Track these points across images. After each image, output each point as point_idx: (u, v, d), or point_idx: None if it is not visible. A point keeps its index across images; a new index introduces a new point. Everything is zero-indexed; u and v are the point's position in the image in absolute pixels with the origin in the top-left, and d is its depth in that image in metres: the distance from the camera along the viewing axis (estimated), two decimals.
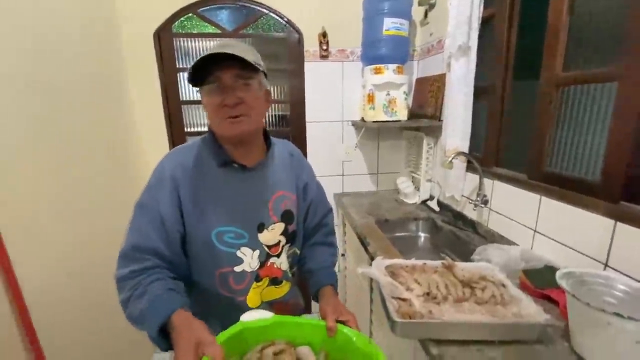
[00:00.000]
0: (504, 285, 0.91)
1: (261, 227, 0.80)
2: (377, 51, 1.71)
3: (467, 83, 1.40)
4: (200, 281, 0.78)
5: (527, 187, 1.16)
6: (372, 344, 0.65)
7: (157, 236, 0.69)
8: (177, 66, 1.81)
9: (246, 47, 0.72)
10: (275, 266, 0.84)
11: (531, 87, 1.13)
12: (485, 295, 0.87)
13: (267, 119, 1.98)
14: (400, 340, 0.95)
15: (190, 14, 1.78)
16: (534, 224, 1.12)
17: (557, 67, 1.04)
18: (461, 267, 0.99)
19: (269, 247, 0.82)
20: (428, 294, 0.87)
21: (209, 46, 1.83)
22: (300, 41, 1.86)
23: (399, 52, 1.72)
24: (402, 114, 1.76)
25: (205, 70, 0.69)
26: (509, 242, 1.22)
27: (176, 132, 1.90)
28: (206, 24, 1.82)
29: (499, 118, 1.35)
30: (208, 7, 1.79)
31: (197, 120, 1.93)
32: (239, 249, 0.77)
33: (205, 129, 1.87)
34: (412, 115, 1.86)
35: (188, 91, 1.87)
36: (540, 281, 0.96)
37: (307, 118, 1.96)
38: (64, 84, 1.23)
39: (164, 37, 1.77)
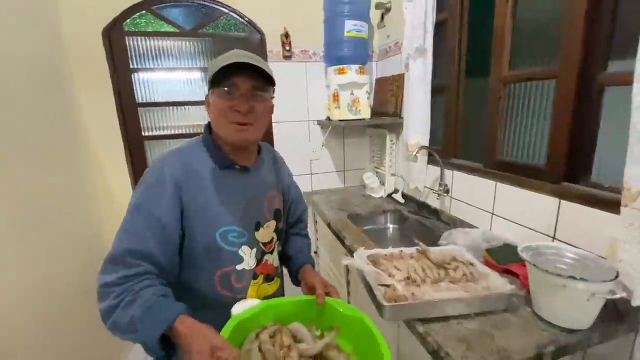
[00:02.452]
0: (472, 264, 1.00)
1: (258, 226, 0.83)
2: (339, 52, 1.76)
3: (425, 82, 1.51)
4: (197, 285, 0.76)
5: (483, 175, 1.28)
6: (355, 309, 0.70)
7: (155, 240, 0.66)
8: (132, 66, 1.71)
9: (262, 60, 0.74)
10: (269, 263, 0.87)
11: (483, 84, 1.25)
12: (458, 274, 0.95)
13: None
14: (386, 324, 1.00)
15: (143, 12, 1.69)
16: (492, 208, 1.25)
17: (504, 66, 1.17)
18: (434, 251, 1.07)
19: (265, 244, 0.85)
20: (408, 278, 0.93)
21: (166, 46, 1.75)
22: (262, 42, 1.85)
23: (360, 54, 1.80)
24: (365, 113, 1.83)
25: (222, 74, 0.70)
26: (471, 226, 1.34)
27: (133, 137, 1.78)
28: (162, 22, 1.74)
29: (455, 113, 1.48)
30: (163, 5, 1.70)
31: (157, 123, 1.83)
32: (241, 247, 0.79)
33: (168, 132, 1.83)
34: (375, 113, 1.95)
35: (145, 93, 1.77)
36: (501, 258, 1.07)
37: (274, 119, 1.94)
38: None
39: (114, 36, 1.65)
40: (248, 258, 0.80)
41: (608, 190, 0.89)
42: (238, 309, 0.68)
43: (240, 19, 1.82)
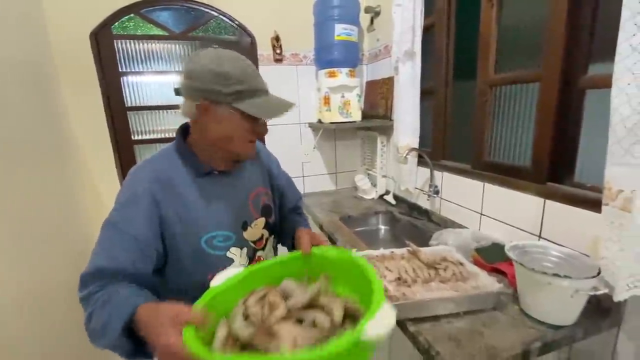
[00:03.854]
0: (461, 264, 1.02)
1: (245, 225, 0.83)
2: (330, 55, 1.78)
3: (414, 85, 1.53)
4: (190, 290, 0.72)
5: (471, 176, 1.31)
6: (344, 251, 0.68)
7: (126, 257, 0.65)
8: (121, 70, 1.69)
9: (288, 103, 0.76)
10: (262, 259, 0.88)
11: (470, 87, 1.28)
12: (448, 274, 0.97)
13: None
14: None
15: (131, 15, 1.67)
16: (480, 208, 1.27)
17: (489, 69, 1.20)
18: (424, 251, 1.09)
19: (254, 242, 0.86)
20: (399, 278, 0.94)
21: (155, 49, 1.74)
22: (253, 45, 1.85)
23: (350, 57, 1.81)
24: (356, 115, 1.85)
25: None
26: (460, 226, 1.36)
27: (122, 141, 1.76)
28: (150, 25, 1.73)
29: (444, 116, 1.50)
30: (152, 8, 1.70)
31: (146, 126, 1.82)
32: (228, 250, 0.79)
33: (158, 135, 1.81)
34: (365, 115, 1.97)
35: (134, 96, 1.75)
36: (490, 257, 1.09)
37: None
38: None
39: (102, 39, 1.64)
40: (238, 258, 0.81)
41: (590, 189, 0.92)
42: (217, 280, 0.62)
43: (230, 22, 1.82)
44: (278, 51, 1.86)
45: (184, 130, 0.80)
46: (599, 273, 0.74)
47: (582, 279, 0.72)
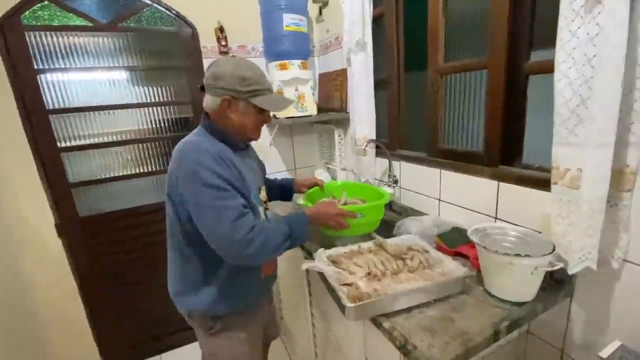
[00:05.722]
0: (427, 251, 1.03)
1: (260, 189, 1.06)
2: (279, 47, 1.70)
3: (367, 76, 1.52)
4: None
5: (428, 163, 1.33)
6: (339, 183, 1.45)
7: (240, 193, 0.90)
8: (37, 67, 1.45)
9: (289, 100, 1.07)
10: (268, 217, 1.07)
11: (423, 76, 1.29)
12: (415, 263, 0.97)
13: (166, 124, 1.77)
14: (353, 324, 0.99)
15: (45, 2, 1.44)
16: (438, 194, 1.31)
17: (439, 58, 1.22)
18: (390, 242, 1.09)
19: (265, 202, 1.08)
20: (369, 273, 0.92)
21: (79, 42, 1.52)
22: (194, 36, 1.71)
23: (300, 48, 1.75)
24: (311, 109, 1.80)
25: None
26: (421, 214, 1.39)
27: (46, 150, 1.52)
28: (70, 14, 1.50)
29: (397, 106, 1.52)
30: None
31: (74, 132, 1.59)
32: (259, 204, 1.01)
33: (92, 140, 1.60)
34: (321, 109, 1.93)
35: (57, 97, 1.52)
36: (452, 242, 1.12)
37: None
38: None
39: (10, 31, 1.39)
40: (262, 215, 1.02)
41: (538, 169, 0.97)
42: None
43: (167, 12, 1.65)
44: (223, 43, 1.74)
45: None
46: (554, 249, 0.78)
47: (540, 257, 0.76)
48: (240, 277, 1.00)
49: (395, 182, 1.53)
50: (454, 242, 1.12)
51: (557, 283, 0.87)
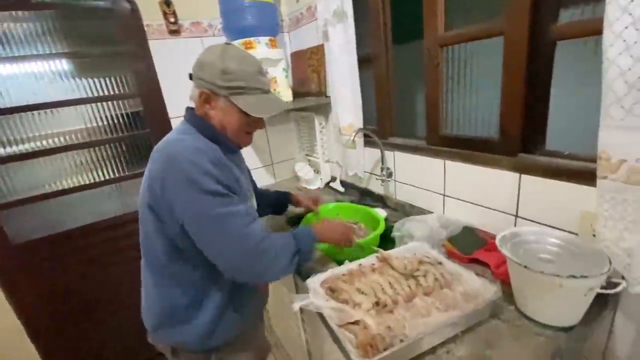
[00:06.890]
0: (440, 263, 0.86)
1: (251, 194, 0.95)
2: (242, 22, 1.42)
3: (349, 51, 1.29)
4: None
5: (428, 153, 1.15)
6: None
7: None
8: None
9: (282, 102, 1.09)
10: None
11: (416, 49, 1.08)
12: (429, 281, 0.80)
13: (112, 120, 1.46)
14: None
15: None
16: (442, 189, 1.13)
17: (439, 26, 1.00)
18: (395, 256, 0.91)
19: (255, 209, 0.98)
20: (377, 303, 0.74)
21: None
22: (134, 13, 1.39)
23: (267, 22, 1.48)
24: (286, 94, 1.56)
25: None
26: (421, 211, 1.22)
27: None
28: None
29: (386, 86, 1.30)
30: None
31: (3, 137, 1.28)
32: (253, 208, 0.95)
33: (29, 145, 1.26)
34: (296, 94, 1.68)
35: None
36: (465, 246, 0.96)
37: (170, 113, 1.54)
38: None
39: None
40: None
41: (568, 158, 0.80)
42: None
43: None
44: (172, 20, 1.43)
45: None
46: (610, 264, 0.62)
47: (599, 276, 0.60)
48: (242, 298, 0.88)
49: (390, 175, 1.34)
50: (468, 246, 0.95)
51: (600, 296, 0.72)
